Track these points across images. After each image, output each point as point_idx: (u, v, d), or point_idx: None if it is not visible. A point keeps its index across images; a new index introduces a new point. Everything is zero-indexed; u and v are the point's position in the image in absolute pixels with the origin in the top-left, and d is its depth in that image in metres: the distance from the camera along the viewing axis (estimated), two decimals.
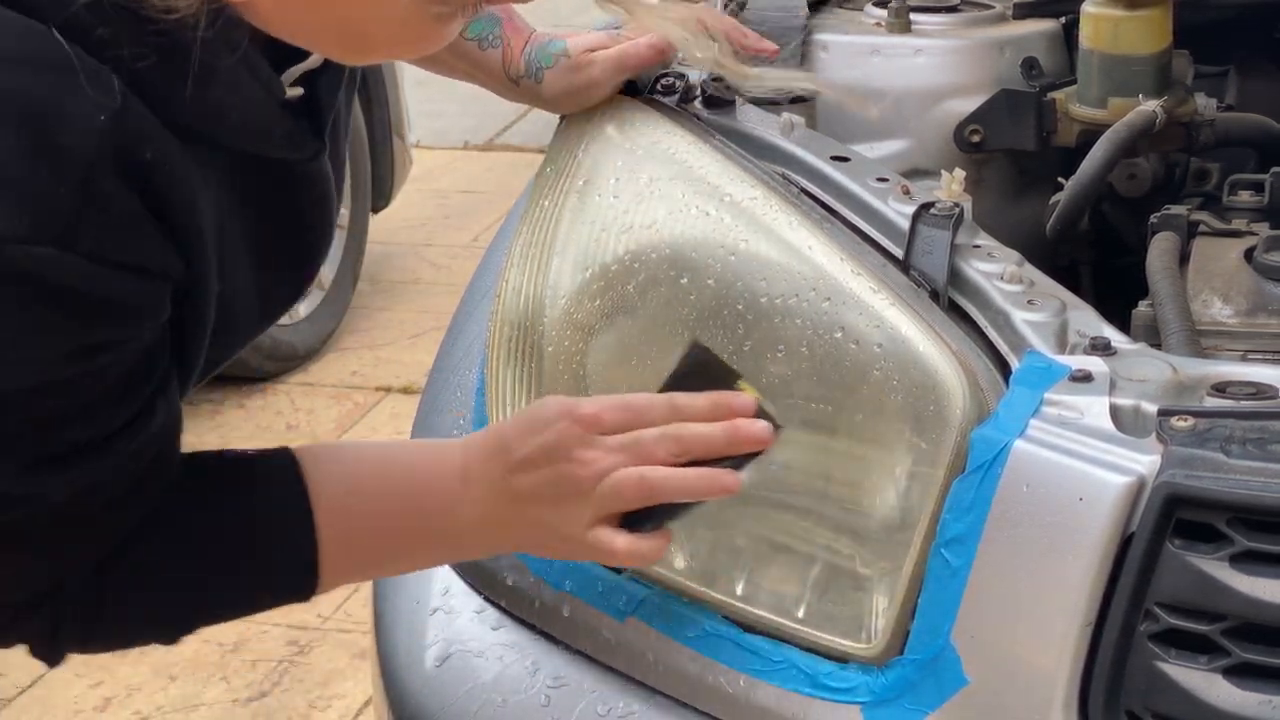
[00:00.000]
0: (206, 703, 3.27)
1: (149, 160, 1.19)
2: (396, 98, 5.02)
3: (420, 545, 1.46)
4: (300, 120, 1.33)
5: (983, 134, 1.94)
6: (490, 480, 1.41)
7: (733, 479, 1.39)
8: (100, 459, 1.26)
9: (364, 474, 1.43)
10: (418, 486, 1.43)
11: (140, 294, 1.22)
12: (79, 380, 1.22)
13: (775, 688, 1.47)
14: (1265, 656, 1.27)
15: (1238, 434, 1.30)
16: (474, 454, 1.43)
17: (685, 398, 1.41)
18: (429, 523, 1.43)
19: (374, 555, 1.45)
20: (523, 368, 1.62)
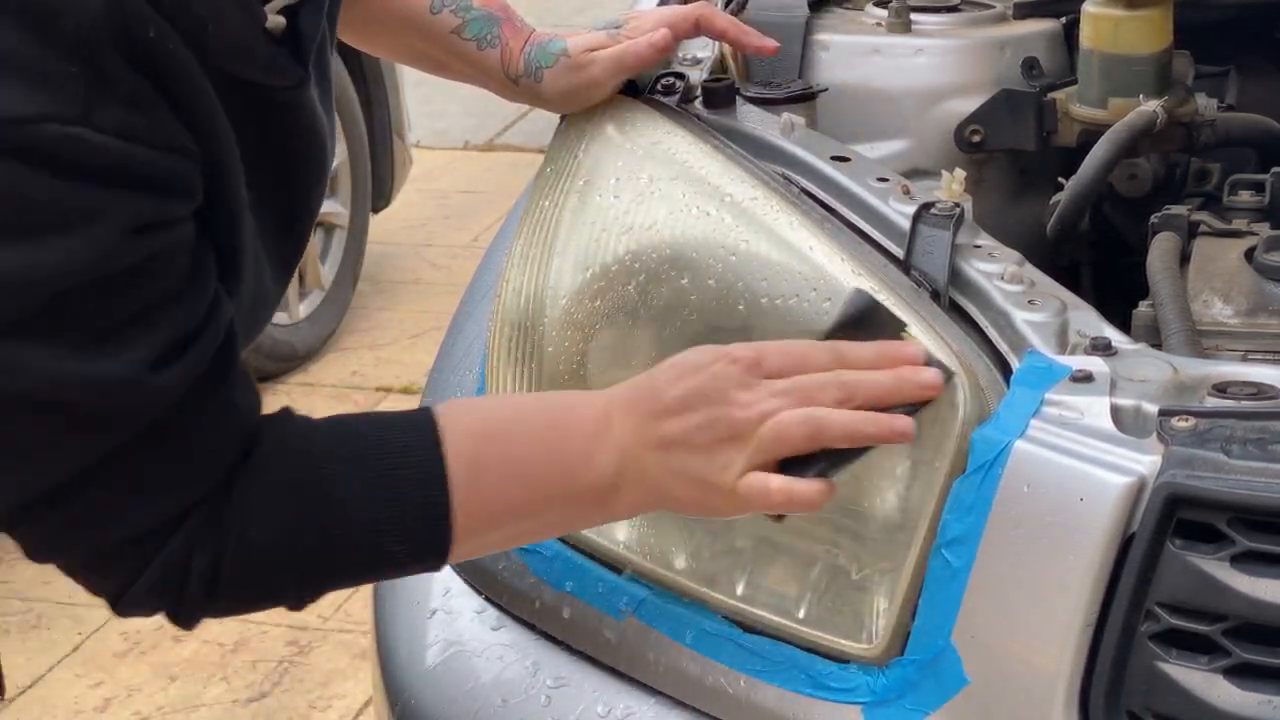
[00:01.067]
0: (206, 703, 3.27)
1: (152, 39, 1.19)
2: (396, 98, 5.02)
3: (558, 498, 1.36)
4: (283, 49, 1.34)
5: (983, 134, 1.94)
6: (636, 425, 1.34)
7: (906, 424, 1.32)
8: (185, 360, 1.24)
9: (499, 419, 1.37)
10: (555, 432, 1.36)
11: (172, 169, 1.21)
12: (147, 266, 1.21)
13: (776, 688, 1.47)
14: (1266, 657, 1.27)
15: (1238, 434, 1.30)
16: (617, 400, 1.35)
17: (850, 345, 1.35)
18: (567, 472, 1.35)
19: (510, 507, 1.35)
20: (523, 368, 1.62)
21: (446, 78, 1.81)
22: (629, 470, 1.34)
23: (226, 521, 1.28)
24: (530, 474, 1.34)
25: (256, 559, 1.29)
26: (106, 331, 1.21)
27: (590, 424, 1.35)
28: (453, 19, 1.73)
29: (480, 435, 1.34)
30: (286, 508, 1.29)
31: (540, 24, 1.79)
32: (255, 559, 1.29)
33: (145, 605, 1.30)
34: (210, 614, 1.32)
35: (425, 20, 1.73)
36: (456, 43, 1.74)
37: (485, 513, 1.33)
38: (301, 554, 1.30)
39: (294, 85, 1.37)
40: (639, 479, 1.34)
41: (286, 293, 4.87)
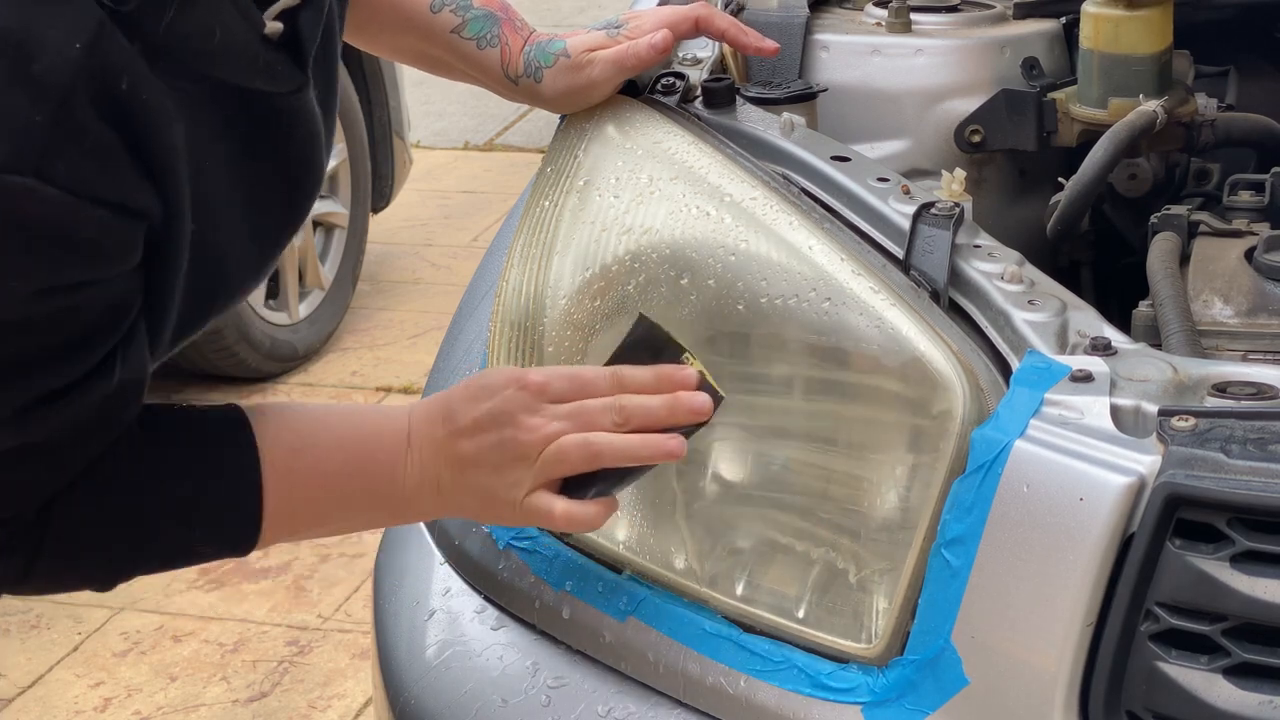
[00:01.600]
0: (206, 703, 3.27)
1: (124, 91, 1.18)
2: (397, 98, 5.02)
3: (362, 506, 1.47)
4: (283, 54, 1.34)
5: (983, 134, 1.94)
6: (434, 443, 1.43)
7: (677, 444, 1.41)
8: (56, 408, 1.26)
9: (310, 433, 1.44)
10: (362, 448, 1.45)
11: (114, 232, 1.21)
12: (42, 323, 1.21)
13: (776, 688, 1.47)
14: (1265, 656, 1.27)
15: (1238, 434, 1.30)
16: (418, 418, 1.45)
17: (630, 371, 1.44)
18: (372, 484, 1.45)
19: (316, 514, 1.46)
20: (523, 367, 1.62)
21: (446, 77, 1.81)
22: (427, 483, 1.45)
23: (43, 527, 1.33)
24: (337, 486, 1.44)
25: (66, 561, 1.36)
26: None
27: (392, 440, 1.44)
28: (453, 18, 1.73)
29: (291, 449, 1.42)
30: (105, 519, 1.35)
31: (540, 24, 1.80)
32: (65, 561, 1.36)
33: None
34: (18, 594, 1.40)
35: (425, 20, 1.73)
36: (456, 42, 1.74)
37: (291, 519, 1.43)
38: (112, 557, 1.38)
39: (294, 90, 1.37)
40: (435, 491, 1.45)
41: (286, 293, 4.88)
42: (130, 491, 1.36)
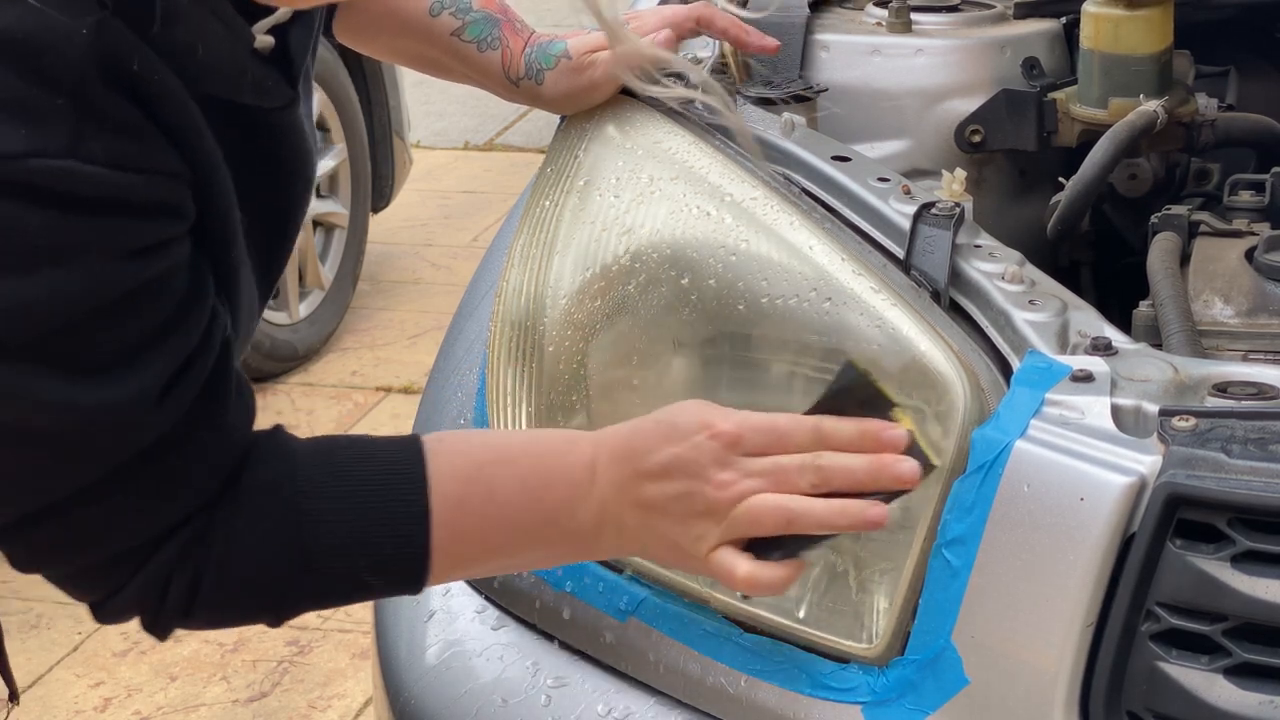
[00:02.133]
0: (206, 703, 3.27)
1: (136, 71, 1.19)
2: (397, 98, 5.02)
3: (538, 541, 1.40)
4: (272, 69, 1.33)
5: (983, 134, 1.93)
6: (617, 483, 1.36)
7: (879, 513, 1.32)
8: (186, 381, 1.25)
9: (487, 462, 1.38)
10: (542, 481, 1.38)
11: (164, 193, 1.22)
12: (146, 290, 1.22)
13: (776, 688, 1.47)
14: (1266, 656, 1.27)
15: (1239, 434, 1.30)
16: (604, 452, 1.37)
17: (832, 423, 1.35)
18: (549, 519, 1.38)
19: (489, 548, 1.39)
20: (523, 368, 1.62)
21: (445, 79, 1.81)
22: (608, 522, 1.37)
23: (208, 547, 1.30)
24: (511, 519, 1.37)
25: (234, 586, 1.32)
26: (108, 360, 1.22)
27: (576, 473, 1.37)
28: (453, 21, 1.73)
29: (465, 479, 1.36)
30: (268, 541, 1.32)
31: (540, 24, 1.79)
32: (233, 585, 1.32)
33: (124, 615, 1.33)
34: (186, 628, 1.35)
35: (425, 23, 1.73)
36: (457, 45, 1.73)
37: (463, 552, 1.37)
38: (279, 584, 1.33)
39: (284, 106, 1.36)
40: (617, 531, 1.38)
41: (286, 293, 4.89)
42: (291, 521, 1.32)
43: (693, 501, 1.34)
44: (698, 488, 1.34)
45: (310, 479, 1.33)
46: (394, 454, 1.36)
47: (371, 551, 1.33)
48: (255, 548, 1.31)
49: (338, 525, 1.32)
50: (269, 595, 1.34)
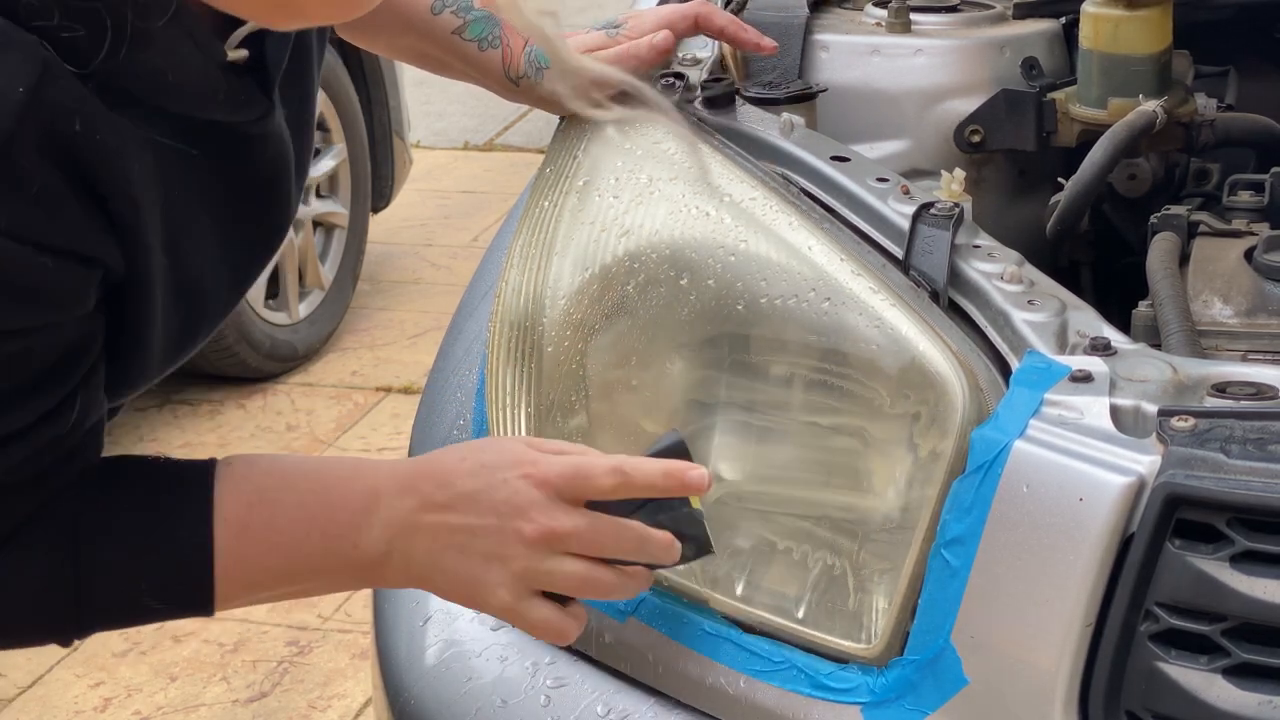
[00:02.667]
0: (206, 703, 3.27)
1: (77, 132, 1.15)
2: (397, 98, 5.02)
3: (322, 569, 1.37)
4: (246, 80, 1.31)
5: (983, 134, 1.93)
6: (406, 511, 1.34)
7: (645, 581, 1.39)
8: (8, 451, 1.23)
9: (272, 487, 1.35)
10: (323, 508, 1.35)
11: (62, 279, 1.18)
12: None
13: (776, 688, 1.47)
14: (1265, 657, 1.27)
15: (1238, 434, 1.30)
16: (391, 480, 1.36)
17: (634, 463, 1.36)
18: (330, 547, 1.35)
19: (274, 574, 1.36)
20: (523, 368, 1.62)
21: (445, 76, 1.80)
22: (395, 552, 1.35)
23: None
24: (293, 546, 1.34)
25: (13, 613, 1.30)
26: None
27: (355, 499, 1.35)
28: (454, 20, 1.73)
29: (247, 504, 1.33)
30: (39, 572, 1.29)
31: None
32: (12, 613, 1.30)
33: None
34: None
35: (426, 21, 1.73)
36: (458, 44, 1.73)
37: (247, 578, 1.34)
38: (54, 614, 1.31)
39: (258, 118, 1.33)
40: (405, 563, 1.35)
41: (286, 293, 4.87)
42: (71, 542, 1.29)
43: (500, 539, 1.33)
44: (509, 526, 1.33)
45: (91, 508, 1.30)
46: (185, 476, 1.34)
47: (153, 577, 1.31)
48: (27, 573, 1.28)
49: (114, 550, 1.30)
50: (41, 621, 1.32)
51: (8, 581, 1.28)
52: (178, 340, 1.35)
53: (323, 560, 1.36)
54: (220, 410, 4.40)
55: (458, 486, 1.34)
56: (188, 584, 1.32)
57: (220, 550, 1.31)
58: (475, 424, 1.71)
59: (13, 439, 1.23)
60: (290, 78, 1.39)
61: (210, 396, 4.43)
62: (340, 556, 1.35)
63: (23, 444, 1.24)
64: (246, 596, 1.37)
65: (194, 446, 4.17)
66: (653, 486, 1.36)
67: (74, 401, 1.26)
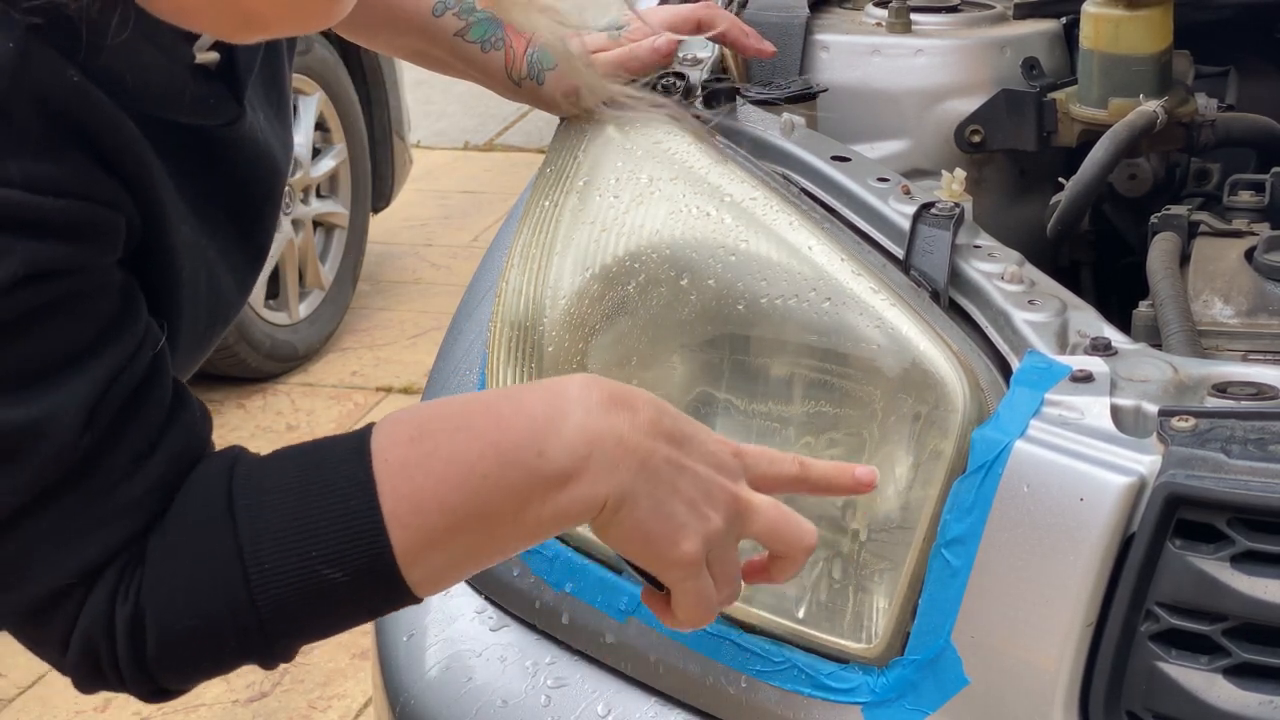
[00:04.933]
0: (206, 703, 3.27)
1: (74, 84, 1.14)
2: (397, 98, 5.02)
3: (506, 492, 1.18)
4: (217, 84, 1.29)
5: (983, 134, 1.94)
6: (624, 423, 1.18)
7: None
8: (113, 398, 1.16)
9: (432, 417, 1.21)
10: (494, 418, 1.19)
11: (83, 216, 1.15)
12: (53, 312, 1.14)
13: (776, 688, 1.47)
14: (1265, 657, 1.27)
15: (1238, 434, 1.30)
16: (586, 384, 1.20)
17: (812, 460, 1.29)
18: (510, 458, 1.18)
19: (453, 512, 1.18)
20: (523, 368, 1.62)
21: (445, 74, 1.81)
22: (597, 464, 1.18)
23: (142, 575, 1.17)
24: (465, 471, 1.18)
25: (175, 614, 1.18)
26: (11, 376, 1.13)
27: (536, 404, 1.19)
28: (456, 22, 1.73)
29: (408, 439, 1.19)
30: (198, 553, 1.18)
31: None
32: (174, 613, 1.18)
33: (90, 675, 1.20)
34: (165, 682, 1.21)
35: (428, 22, 1.73)
36: (460, 45, 1.74)
37: (427, 527, 1.18)
38: (225, 602, 1.17)
39: (229, 122, 1.31)
40: (606, 478, 1.18)
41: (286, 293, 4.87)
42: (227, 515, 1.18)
43: (709, 488, 1.20)
44: (715, 479, 1.20)
45: (244, 478, 1.20)
46: (333, 439, 1.21)
47: (320, 536, 1.17)
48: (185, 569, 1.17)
49: (274, 522, 1.17)
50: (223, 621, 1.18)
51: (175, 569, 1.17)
52: (204, 331, 1.33)
53: (503, 481, 1.18)
54: (220, 410, 4.40)
55: (680, 423, 1.21)
56: (359, 537, 1.16)
57: (385, 494, 1.16)
58: None
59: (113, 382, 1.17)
60: (266, 80, 1.38)
61: (210, 396, 4.43)
62: (524, 470, 1.17)
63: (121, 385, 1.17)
64: (436, 555, 1.19)
65: None
66: (829, 484, 1.28)
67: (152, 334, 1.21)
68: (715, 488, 1.20)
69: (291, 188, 4.62)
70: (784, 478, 1.26)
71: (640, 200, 1.62)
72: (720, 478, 1.21)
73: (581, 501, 1.19)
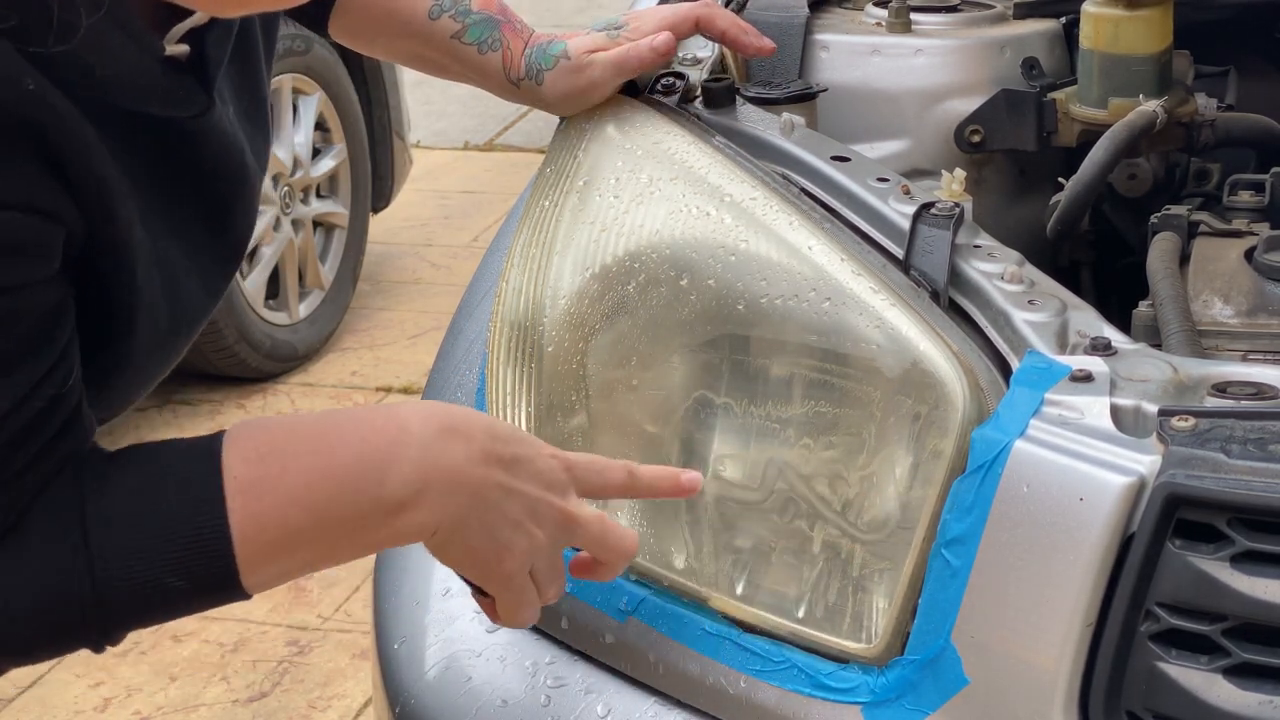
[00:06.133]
0: (206, 703, 3.27)
1: (30, 92, 1.13)
2: (397, 98, 5.02)
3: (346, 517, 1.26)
4: (186, 77, 1.28)
5: (983, 134, 1.94)
6: (459, 455, 1.26)
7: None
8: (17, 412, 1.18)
9: (281, 437, 1.26)
10: (342, 445, 1.26)
11: (22, 234, 1.14)
12: None
13: (776, 688, 1.47)
14: (1265, 656, 1.27)
15: (1238, 434, 1.30)
16: (424, 417, 1.27)
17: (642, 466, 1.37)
18: (352, 486, 1.25)
19: (296, 529, 1.25)
20: (523, 368, 1.62)
21: (446, 79, 1.80)
22: (430, 494, 1.26)
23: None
24: (309, 493, 1.24)
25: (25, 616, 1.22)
26: None
27: (380, 436, 1.26)
28: (453, 24, 1.73)
29: (258, 457, 1.24)
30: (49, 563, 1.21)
31: (540, 24, 1.79)
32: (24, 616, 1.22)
33: None
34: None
35: (424, 25, 1.73)
36: (457, 47, 1.73)
37: (269, 541, 1.24)
38: (74, 607, 1.21)
39: (198, 114, 1.30)
40: (437, 508, 1.26)
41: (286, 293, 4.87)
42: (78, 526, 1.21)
43: (536, 508, 1.29)
44: (545, 498, 1.29)
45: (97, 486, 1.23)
46: (192, 448, 1.26)
47: (167, 550, 1.21)
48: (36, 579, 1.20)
49: (125, 532, 1.22)
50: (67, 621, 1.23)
51: (18, 579, 1.21)
52: (166, 338, 1.33)
53: (344, 506, 1.25)
54: (220, 410, 4.40)
55: (512, 445, 1.28)
56: (206, 551, 1.22)
57: (234, 510, 1.22)
58: None
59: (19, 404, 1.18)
60: (237, 74, 1.37)
61: (210, 396, 4.43)
62: (364, 498, 1.25)
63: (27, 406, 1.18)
64: (275, 565, 1.26)
65: None
66: (656, 488, 1.38)
67: (66, 363, 1.21)
68: (542, 505, 1.29)
69: (291, 188, 4.62)
70: (613, 485, 1.36)
71: (640, 200, 1.62)
72: (548, 495, 1.30)
73: (415, 527, 1.28)
